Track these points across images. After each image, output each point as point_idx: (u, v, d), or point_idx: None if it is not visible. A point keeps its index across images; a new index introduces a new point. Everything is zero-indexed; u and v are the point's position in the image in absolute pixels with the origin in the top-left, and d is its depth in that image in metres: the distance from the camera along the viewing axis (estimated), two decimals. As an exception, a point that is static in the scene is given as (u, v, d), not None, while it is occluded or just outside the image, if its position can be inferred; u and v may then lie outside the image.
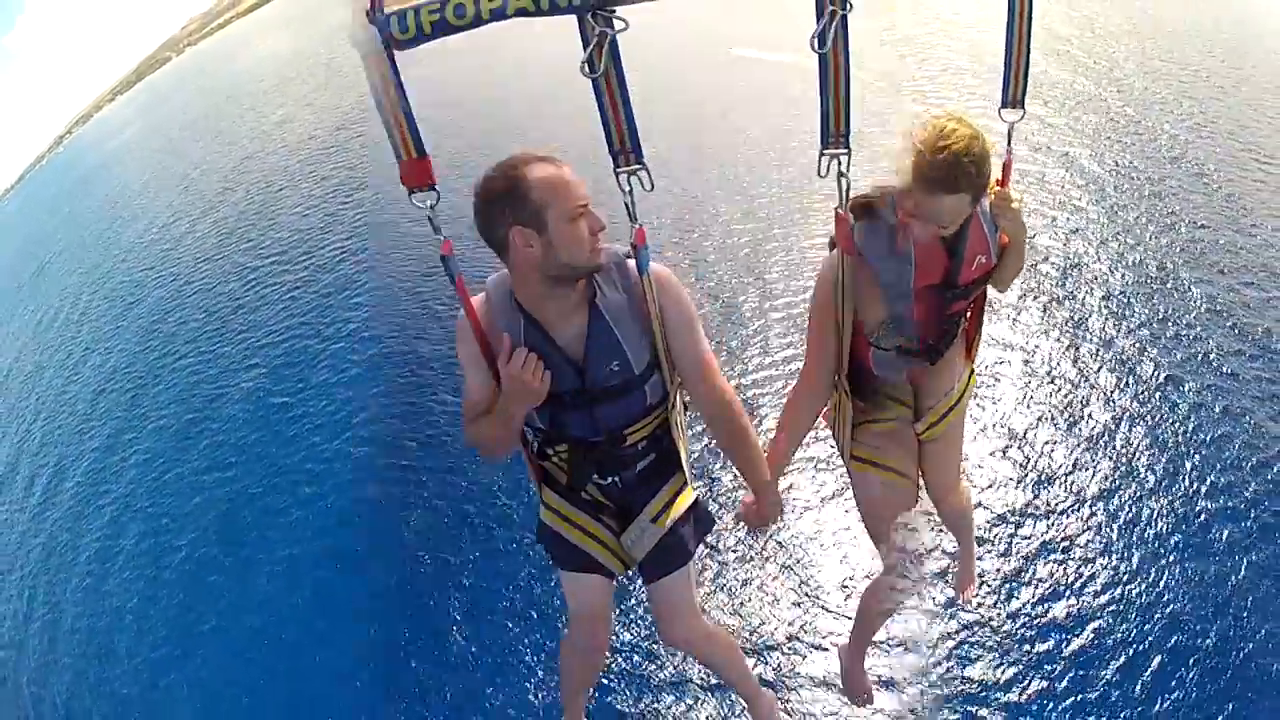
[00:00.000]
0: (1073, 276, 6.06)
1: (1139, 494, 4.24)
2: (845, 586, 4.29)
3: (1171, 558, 3.91)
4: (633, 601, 4.15)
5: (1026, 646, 3.77)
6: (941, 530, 2.80)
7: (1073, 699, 3.46)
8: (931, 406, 2.01)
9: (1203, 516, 4.06)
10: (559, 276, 1.54)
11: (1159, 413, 4.73)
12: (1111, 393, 4.95)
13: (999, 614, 3.94)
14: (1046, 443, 4.65)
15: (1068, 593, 3.87)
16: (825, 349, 1.80)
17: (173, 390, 7.98)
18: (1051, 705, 3.47)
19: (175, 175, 17.97)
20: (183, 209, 14.61)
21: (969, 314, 2.00)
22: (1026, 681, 3.66)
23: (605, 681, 3.85)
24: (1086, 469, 4.46)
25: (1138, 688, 3.40)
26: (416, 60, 1.52)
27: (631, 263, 1.64)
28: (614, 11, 1.35)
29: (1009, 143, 1.76)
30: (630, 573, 1.97)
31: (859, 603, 2.48)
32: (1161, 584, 3.79)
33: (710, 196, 8.47)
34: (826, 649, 4.00)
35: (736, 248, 7.43)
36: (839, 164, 1.52)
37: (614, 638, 3.83)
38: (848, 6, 1.35)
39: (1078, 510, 4.22)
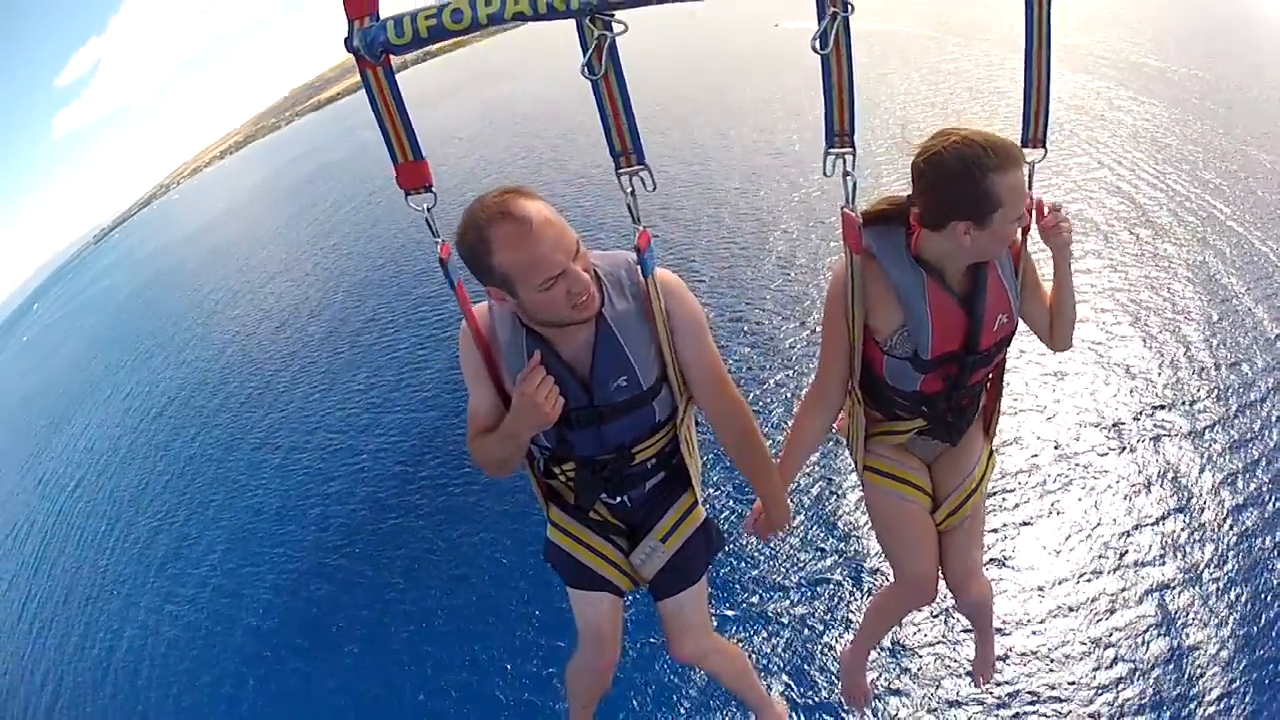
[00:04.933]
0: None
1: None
2: (853, 590, 4.26)
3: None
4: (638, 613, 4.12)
5: (1030, 659, 3.74)
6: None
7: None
8: (950, 493, 1.91)
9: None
10: (546, 322, 1.49)
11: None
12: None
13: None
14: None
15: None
16: (837, 356, 1.74)
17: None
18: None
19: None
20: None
21: (988, 385, 1.89)
22: (1027, 689, 3.65)
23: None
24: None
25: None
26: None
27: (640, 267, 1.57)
28: (613, 15, 1.32)
29: (1030, 185, 1.58)
30: (640, 590, 1.93)
31: (866, 607, 2.44)
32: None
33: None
34: (831, 651, 3.97)
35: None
36: (844, 163, 1.47)
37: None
38: (848, 9, 1.32)
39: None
